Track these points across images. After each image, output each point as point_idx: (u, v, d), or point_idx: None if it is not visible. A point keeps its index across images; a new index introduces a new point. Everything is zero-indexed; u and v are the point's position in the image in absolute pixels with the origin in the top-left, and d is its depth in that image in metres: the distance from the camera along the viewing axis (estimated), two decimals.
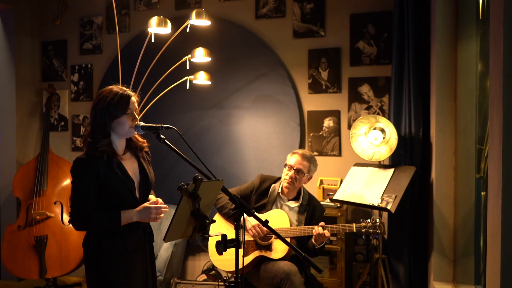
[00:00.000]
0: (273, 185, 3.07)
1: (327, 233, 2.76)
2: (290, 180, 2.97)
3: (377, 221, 2.84)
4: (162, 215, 2.07)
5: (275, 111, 3.95)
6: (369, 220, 2.85)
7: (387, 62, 3.66)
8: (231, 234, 1.81)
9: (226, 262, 2.89)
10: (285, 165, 3.02)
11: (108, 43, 4.50)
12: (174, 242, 3.70)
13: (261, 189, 3.07)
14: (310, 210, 3.00)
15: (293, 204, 3.02)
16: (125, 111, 2.05)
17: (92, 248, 2.09)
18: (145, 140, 2.24)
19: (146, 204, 2.07)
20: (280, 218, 2.91)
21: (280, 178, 3.10)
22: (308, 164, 2.99)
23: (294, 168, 2.96)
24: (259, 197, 3.04)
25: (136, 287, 2.10)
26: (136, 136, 2.18)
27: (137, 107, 2.12)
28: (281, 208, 3.01)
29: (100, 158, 2.02)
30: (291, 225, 2.91)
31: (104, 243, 2.06)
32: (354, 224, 2.84)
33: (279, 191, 3.04)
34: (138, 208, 2.05)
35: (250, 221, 2.85)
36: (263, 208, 3.01)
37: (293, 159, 3.01)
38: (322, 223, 2.81)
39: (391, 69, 3.39)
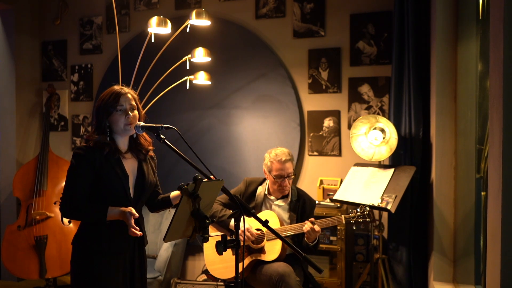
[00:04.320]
0: (259, 187, 3.03)
1: (317, 227, 2.71)
2: (287, 187, 2.95)
3: (367, 209, 2.82)
4: (137, 234, 1.98)
5: (275, 111, 3.95)
6: (357, 210, 2.83)
7: (387, 62, 3.66)
8: None
9: (221, 270, 2.87)
10: (279, 176, 2.89)
11: (108, 43, 4.50)
12: (174, 242, 3.70)
13: (248, 192, 3.03)
14: (301, 205, 2.97)
15: (282, 203, 2.99)
16: (115, 108, 2.05)
17: (80, 246, 2.08)
18: (151, 141, 2.21)
19: (133, 211, 1.99)
20: (269, 219, 2.88)
21: (265, 179, 3.06)
22: (292, 163, 2.96)
23: (290, 175, 2.92)
24: (246, 201, 2.99)
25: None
26: (145, 135, 2.18)
27: (134, 104, 2.10)
28: (270, 208, 2.99)
29: (99, 150, 2.03)
30: (282, 225, 2.89)
31: (92, 242, 2.06)
32: (342, 215, 2.83)
33: (266, 192, 3.01)
34: (123, 209, 2.00)
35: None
36: (255, 211, 2.97)
37: (288, 166, 2.91)
38: (311, 219, 2.77)
39: (391, 69, 3.39)
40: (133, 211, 1.98)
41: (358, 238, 3.61)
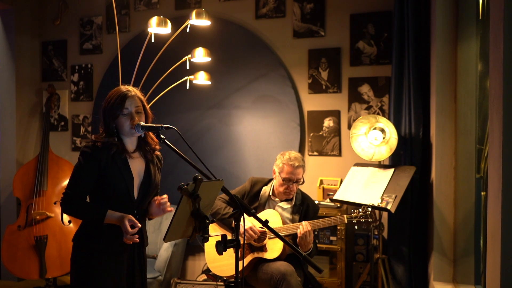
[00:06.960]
0: (264, 188, 3.03)
1: (307, 226, 2.72)
2: (293, 192, 2.94)
3: (369, 209, 2.83)
4: (131, 242, 1.99)
5: (275, 111, 3.95)
6: (360, 210, 2.84)
7: (387, 62, 3.66)
8: None
9: (223, 267, 2.87)
10: (288, 179, 2.88)
11: (108, 43, 4.50)
12: (174, 242, 3.70)
13: (252, 192, 3.03)
14: (304, 209, 2.98)
15: (286, 205, 2.98)
16: (121, 111, 2.05)
17: (81, 244, 2.10)
18: (157, 141, 2.20)
19: (132, 219, 1.98)
20: (272, 217, 2.87)
21: (270, 180, 3.07)
22: (303, 170, 2.94)
23: (299, 181, 2.91)
24: (250, 201, 3.00)
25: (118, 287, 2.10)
26: (152, 135, 2.17)
27: (140, 105, 2.10)
28: (273, 209, 2.98)
29: (107, 150, 2.04)
30: (284, 225, 2.90)
31: (92, 241, 2.07)
32: (345, 215, 2.84)
33: (270, 193, 3.01)
34: (123, 215, 2.00)
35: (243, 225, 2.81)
36: (255, 211, 2.97)
37: (299, 172, 2.89)
38: (305, 222, 2.77)
39: (391, 69, 3.39)
40: (134, 219, 1.98)
41: (358, 238, 3.61)
